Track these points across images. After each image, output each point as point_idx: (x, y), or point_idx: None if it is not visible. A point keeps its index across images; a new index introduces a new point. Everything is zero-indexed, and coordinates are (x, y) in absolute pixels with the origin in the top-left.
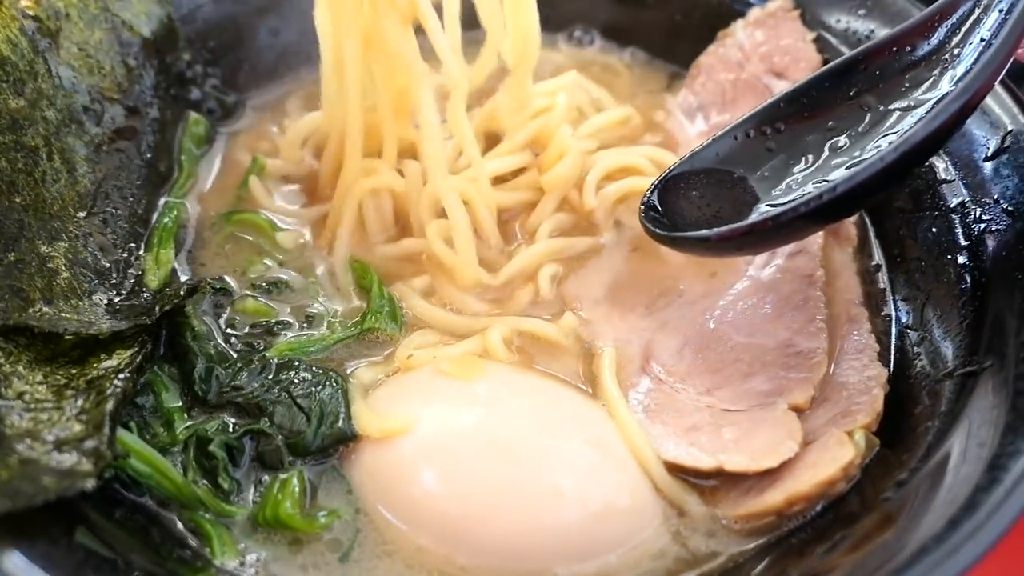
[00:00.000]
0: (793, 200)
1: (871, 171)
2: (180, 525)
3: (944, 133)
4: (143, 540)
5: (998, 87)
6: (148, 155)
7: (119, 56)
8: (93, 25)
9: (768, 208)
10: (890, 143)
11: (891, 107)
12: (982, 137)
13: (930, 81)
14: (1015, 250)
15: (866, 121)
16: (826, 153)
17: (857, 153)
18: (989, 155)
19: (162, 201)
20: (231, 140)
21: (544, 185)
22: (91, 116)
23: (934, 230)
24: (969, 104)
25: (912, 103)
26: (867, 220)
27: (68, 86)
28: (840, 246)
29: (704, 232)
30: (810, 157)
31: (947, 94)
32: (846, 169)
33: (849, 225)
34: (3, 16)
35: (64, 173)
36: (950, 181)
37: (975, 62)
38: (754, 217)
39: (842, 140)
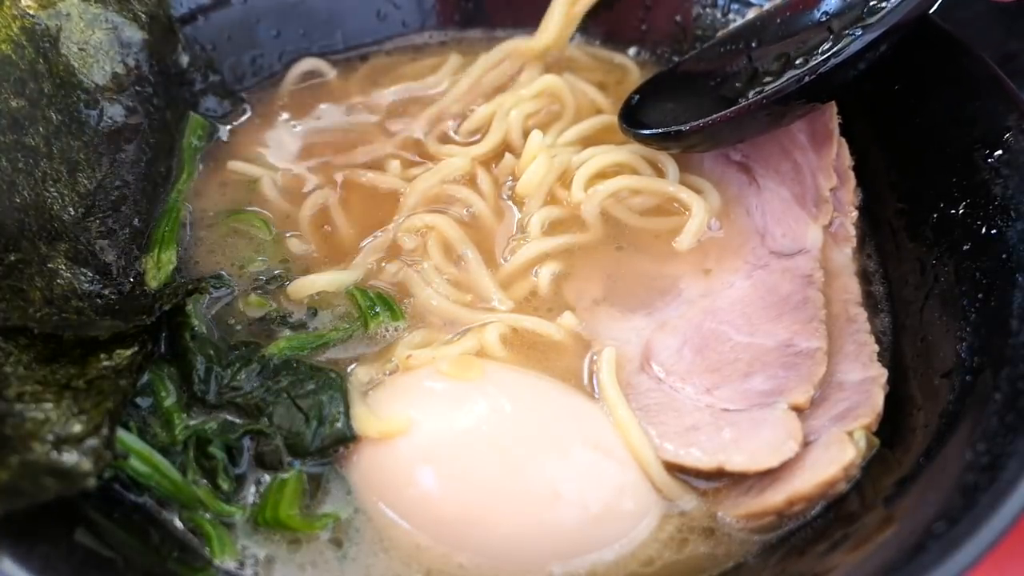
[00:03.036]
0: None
1: (789, 88)
2: (180, 525)
3: (855, 63)
4: (143, 540)
5: (1000, 84)
6: (148, 155)
7: (119, 56)
8: (94, 25)
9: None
10: (811, 67)
11: (847, 31)
12: (982, 137)
13: (881, 13)
14: (1015, 250)
15: (828, 42)
16: (789, 70)
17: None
18: (989, 155)
19: (163, 201)
20: (231, 140)
21: (518, 191)
22: (91, 116)
23: (933, 230)
24: (881, 38)
25: (860, 30)
26: (865, 221)
27: (68, 86)
28: (839, 246)
29: (671, 128)
30: (775, 72)
31: (863, 29)
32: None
33: (848, 226)
34: (4, 15)
35: (64, 173)
36: (949, 181)
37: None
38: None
39: (801, 59)
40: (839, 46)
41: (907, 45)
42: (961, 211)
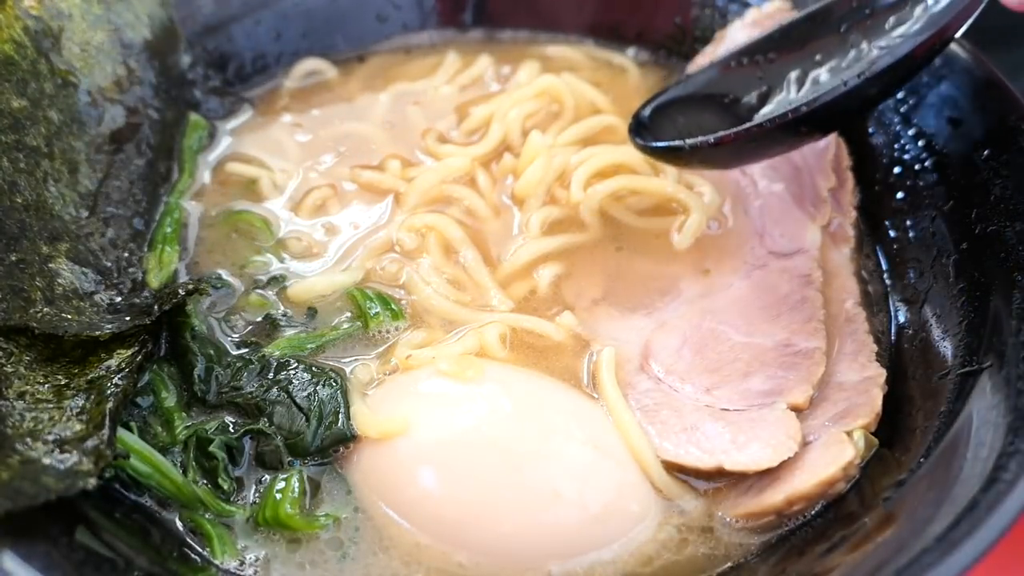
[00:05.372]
0: (757, 119)
1: (829, 97)
2: (180, 525)
3: (901, 71)
4: (143, 540)
5: (1000, 84)
6: (149, 155)
7: (120, 57)
8: (95, 26)
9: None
10: (845, 78)
11: (874, 44)
12: (982, 137)
13: (910, 21)
14: (1015, 250)
15: (850, 57)
16: (807, 84)
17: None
18: (989, 155)
19: (163, 202)
20: (231, 140)
21: (518, 191)
22: (92, 117)
23: (932, 230)
24: (922, 47)
25: (890, 42)
26: (864, 221)
27: (70, 86)
28: (837, 247)
29: (677, 143)
30: (793, 88)
31: (910, 33)
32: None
33: (847, 226)
34: (7, 16)
35: (65, 173)
36: (949, 181)
37: (944, 6)
38: (722, 133)
39: (824, 74)
40: (861, 65)
41: None
42: (960, 211)
